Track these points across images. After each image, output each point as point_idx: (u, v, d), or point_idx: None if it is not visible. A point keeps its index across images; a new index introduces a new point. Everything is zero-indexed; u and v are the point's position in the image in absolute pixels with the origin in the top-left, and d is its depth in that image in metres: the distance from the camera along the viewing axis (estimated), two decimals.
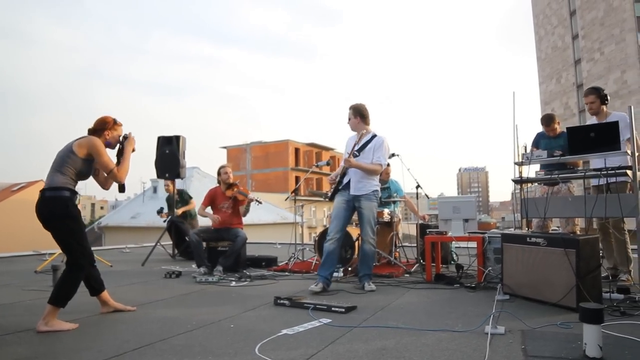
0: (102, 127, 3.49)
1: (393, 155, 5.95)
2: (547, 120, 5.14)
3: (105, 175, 3.48)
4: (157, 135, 7.37)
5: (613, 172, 3.93)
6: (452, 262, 5.76)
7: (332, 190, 4.76)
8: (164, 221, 8.01)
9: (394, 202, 6.22)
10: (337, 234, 4.57)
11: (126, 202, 37.82)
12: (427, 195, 5.87)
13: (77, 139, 3.37)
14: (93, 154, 3.33)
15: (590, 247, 3.50)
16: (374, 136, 4.72)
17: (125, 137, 3.60)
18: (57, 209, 3.21)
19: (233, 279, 5.23)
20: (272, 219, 30.98)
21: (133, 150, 3.62)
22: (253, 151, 48.33)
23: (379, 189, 4.72)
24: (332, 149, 50.72)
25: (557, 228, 5.23)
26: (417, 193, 5.88)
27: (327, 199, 4.86)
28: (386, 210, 6.05)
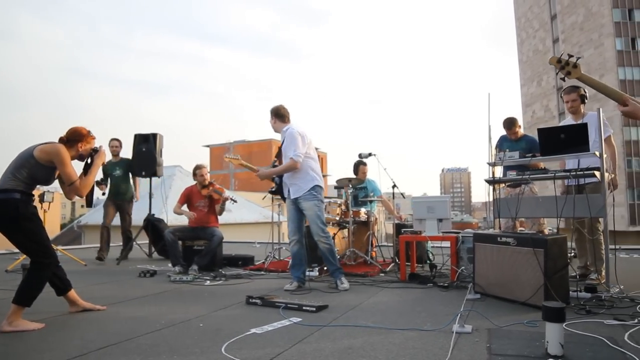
0: (76, 138, 3.40)
1: (370, 154, 5.98)
2: (509, 124, 5.23)
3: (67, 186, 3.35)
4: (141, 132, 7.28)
5: (582, 172, 3.99)
6: (428, 262, 5.80)
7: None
8: (103, 194, 7.34)
9: (371, 201, 6.24)
10: (294, 235, 4.58)
11: None
12: (403, 195, 5.91)
13: (41, 144, 3.28)
14: (56, 163, 3.23)
15: (558, 247, 3.54)
16: (285, 132, 4.57)
17: (96, 151, 3.50)
18: (6, 211, 3.13)
19: (208, 278, 5.19)
20: (254, 218, 30.80)
21: (103, 164, 3.55)
22: (236, 150, 47.97)
23: (317, 182, 4.54)
24: (316, 149, 50.63)
25: (523, 228, 5.31)
26: (393, 192, 5.91)
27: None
28: (363, 210, 6.06)
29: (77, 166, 3.45)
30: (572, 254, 5.03)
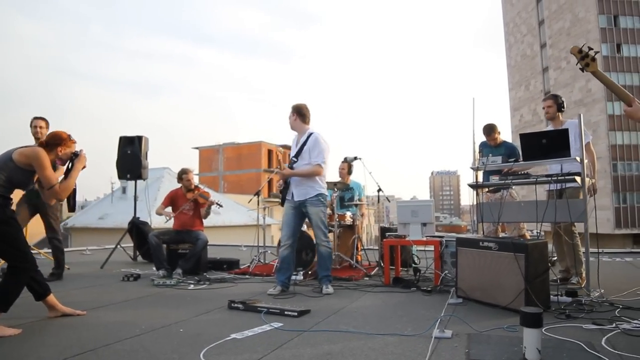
0: (56, 142, 3.36)
1: (355, 158, 6.00)
2: (488, 130, 5.29)
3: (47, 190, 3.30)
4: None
5: (563, 177, 4.04)
6: (413, 265, 5.81)
7: (281, 197, 4.75)
8: None
9: (356, 205, 6.25)
10: (288, 240, 4.59)
11: (95, 202, 36.94)
12: (388, 199, 5.92)
13: (21, 147, 3.24)
14: (35, 166, 3.19)
15: (538, 252, 3.57)
16: (310, 135, 4.64)
17: (77, 155, 3.47)
18: None
19: (192, 282, 5.15)
20: (243, 221, 30.73)
21: (83, 168, 3.51)
22: (226, 152, 47.84)
23: (324, 191, 4.63)
24: None
25: (505, 233, 5.35)
26: (378, 196, 5.92)
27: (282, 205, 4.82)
28: (348, 213, 6.06)
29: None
30: (555, 258, 5.07)
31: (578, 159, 3.99)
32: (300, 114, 4.68)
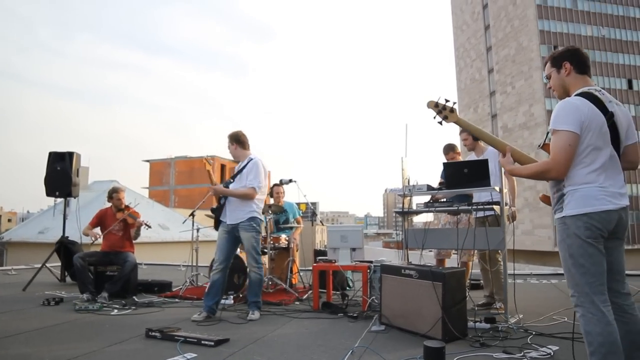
0: None
1: (290, 181, 6.00)
2: (447, 149, 5.41)
3: None
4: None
5: (482, 206, 4.17)
6: (348, 288, 5.82)
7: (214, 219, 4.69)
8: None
9: (291, 227, 6.22)
10: (221, 264, 4.53)
11: (37, 214, 35.17)
12: (322, 222, 5.93)
13: None
14: None
15: (456, 280, 3.66)
16: (250, 160, 4.66)
17: None
18: None
19: (117, 306, 4.94)
20: (194, 236, 30.04)
21: None
22: (177, 166, 46.90)
23: (256, 215, 4.58)
24: None
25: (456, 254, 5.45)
26: (312, 221, 5.92)
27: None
28: (283, 236, 6.03)
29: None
30: (481, 282, 5.20)
31: (497, 188, 4.13)
32: (239, 142, 4.72)
